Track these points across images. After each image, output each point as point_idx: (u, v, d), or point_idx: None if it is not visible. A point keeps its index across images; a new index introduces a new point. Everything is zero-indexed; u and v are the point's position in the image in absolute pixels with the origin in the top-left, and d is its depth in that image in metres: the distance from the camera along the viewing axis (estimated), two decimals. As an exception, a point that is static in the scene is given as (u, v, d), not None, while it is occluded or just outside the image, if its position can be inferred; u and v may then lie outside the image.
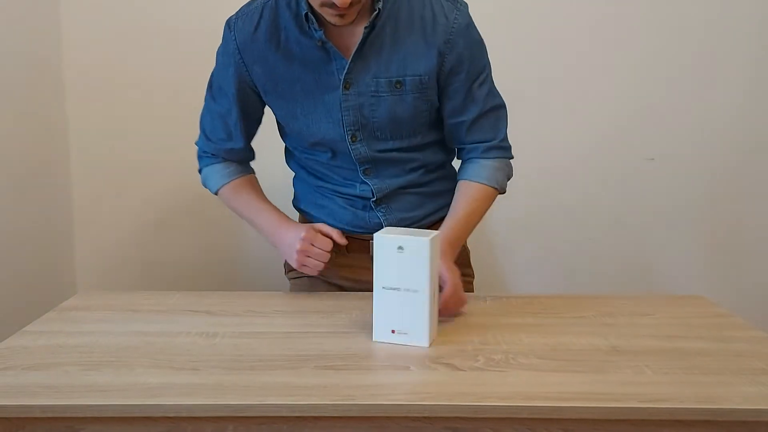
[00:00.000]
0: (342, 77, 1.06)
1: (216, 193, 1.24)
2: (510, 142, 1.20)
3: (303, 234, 1.11)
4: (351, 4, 0.94)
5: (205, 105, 1.22)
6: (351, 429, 0.77)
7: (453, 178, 1.22)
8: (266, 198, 1.23)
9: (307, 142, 1.16)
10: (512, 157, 1.21)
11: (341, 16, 0.97)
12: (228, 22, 1.12)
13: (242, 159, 1.24)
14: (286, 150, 1.27)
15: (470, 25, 1.10)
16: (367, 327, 0.98)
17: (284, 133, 1.23)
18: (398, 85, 1.07)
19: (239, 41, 1.09)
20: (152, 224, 1.86)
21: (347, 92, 1.07)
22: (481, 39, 1.13)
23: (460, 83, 1.11)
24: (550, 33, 1.77)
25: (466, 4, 1.11)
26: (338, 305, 1.10)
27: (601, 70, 1.79)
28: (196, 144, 1.25)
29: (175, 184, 1.84)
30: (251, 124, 1.20)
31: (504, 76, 1.78)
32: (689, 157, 1.83)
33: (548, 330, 1.00)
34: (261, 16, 1.07)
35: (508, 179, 1.20)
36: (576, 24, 1.76)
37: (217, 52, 1.16)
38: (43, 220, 1.73)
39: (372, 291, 0.94)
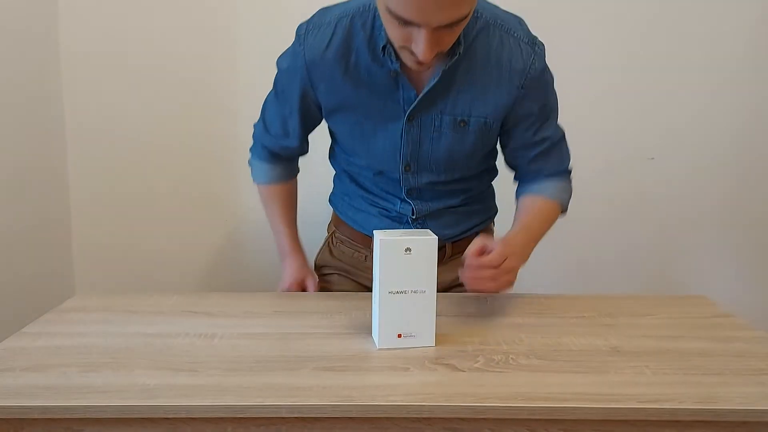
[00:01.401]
0: (408, 110, 1.04)
1: (256, 184, 1.28)
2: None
3: (291, 281, 1.24)
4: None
5: (269, 97, 1.19)
6: (350, 430, 0.77)
7: (491, 197, 1.27)
8: (293, 212, 1.29)
9: (359, 159, 1.16)
10: (571, 180, 1.20)
11: (419, 63, 0.92)
12: (299, 33, 1.05)
13: (294, 155, 1.25)
14: (332, 149, 1.26)
15: (545, 69, 1.07)
16: (367, 328, 0.98)
17: (335, 141, 1.22)
18: (462, 124, 1.05)
19: (308, 58, 1.04)
20: (151, 225, 1.86)
21: (410, 124, 1.05)
22: (552, 79, 1.11)
23: (528, 125, 1.09)
24: (550, 33, 1.76)
25: (543, 45, 1.07)
26: (338, 306, 1.10)
27: (601, 70, 1.79)
28: (254, 126, 1.24)
29: (174, 185, 1.84)
30: (309, 128, 1.19)
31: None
32: (689, 157, 1.83)
33: (548, 330, 1.00)
34: (333, 33, 1.01)
35: (569, 200, 1.18)
36: (575, 24, 1.76)
37: (282, 58, 1.11)
38: (41, 221, 1.73)
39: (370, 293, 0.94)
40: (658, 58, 1.78)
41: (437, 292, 0.93)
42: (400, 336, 0.92)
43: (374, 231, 0.93)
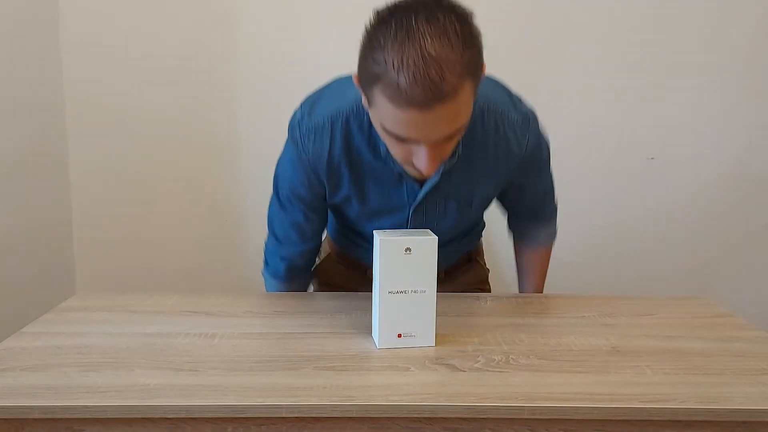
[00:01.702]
0: (413, 203, 1.05)
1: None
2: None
3: None
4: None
5: (273, 210, 1.15)
6: (351, 430, 0.77)
7: (481, 221, 1.29)
8: None
9: (361, 236, 1.17)
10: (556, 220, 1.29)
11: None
12: (293, 136, 1.02)
13: (314, 256, 1.22)
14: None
15: (539, 139, 1.08)
16: (367, 328, 0.98)
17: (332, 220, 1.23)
18: (466, 204, 1.08)
19: (312, 161, 1.02)
20: (151, 225, 1.86)
21: (415, 215, 1.07)
22: (546, 142, 1.13)
23: (528, 186, 1.16)
24: (550, 32, 1.77)
25: (534, 114, 1.06)
26: (338, 306, 1.10)
27: (601, 70, 1.79)
28: (264, 244, 1.20)
29: (175, 185, 1.84)
30: (324, 221, 1.17)
31: (504, 77, 1.78)
32: (689, 157, 1.83)
33: (548, 330, 1.00)
34: (332, 137, 0.99)
35: (556, 228, 1.29)
36: (576, 23, 1.76)
37: (283, 165, 1.10)
38: (41, 220, 1.73)
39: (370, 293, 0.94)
40: (658, 57, 1.78)
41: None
42: (400, 336, 0.92)
43: (374, 231, 0.93)
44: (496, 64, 1.83)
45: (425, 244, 0.90)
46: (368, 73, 0.82)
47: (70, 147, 1.81)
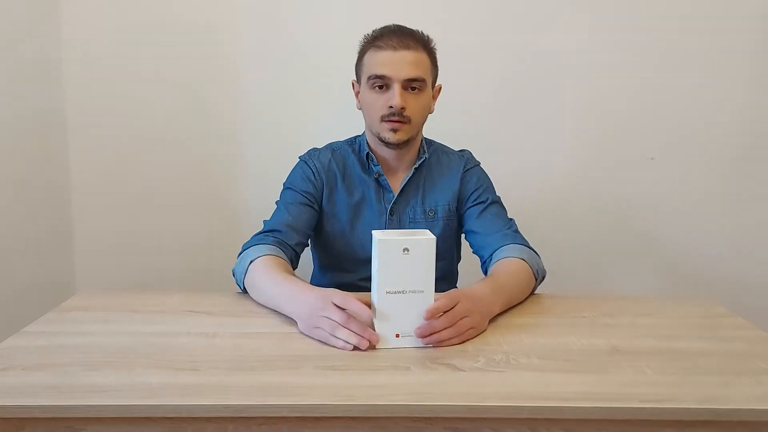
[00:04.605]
0: (389, 207, 1.31)
1: (245, 276, 1.12)
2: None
3: (341, 295, 0.95)
4: (402, 122, 1.20)
5: (272, 218, 1.28)
6: (352, 429, 0.77)
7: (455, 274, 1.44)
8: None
9: (345, 258, 1.32)
10: (534, 253, 1.21)
11: (395, 131, 1.21)
12: (303, 159, 1.34)
13: (287, 257, 1.19)
14: (317, 262, 1.42)
15: (477, 166, 1.37)
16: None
17: (321, 248, 1.37)
18: (431, 213, 1.32)
19: (316, 166, 1.31)
20: (152, 225, 1.86)
21: (391, 218, 1.31)
22: (486, 174, 1.37)
23: (478, 209, 1.31)
24: (551, 33, 1.77)
25: (470, 152, 1.40)
26: (338, 305, 1.10)
27: (601, 70, 1.79)
28: (244, 246, 1.19)
29: (176, 185, 1.84)
30: (305, 235, 1.27)
31: (505, 77, 1.78)
32: (689, 157, 1.83)
33: (548, 330, 1.00)
34: (332, 155, 1.33)
35: (539, 267, 1.18)
36: (576, 24, 1.76)
37: (291, 174, 1.33)
38: (42, 220, 1.73)
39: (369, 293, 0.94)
40: (659, 57, 1.78)
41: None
42: (398, 336, 0.92)
43: (373, 231, 0.93)
44: (498, 64, 1.85)
45: (423, 245, 0.90)
46: (360, 54, 1.26)
47: (71, 148, 1.81)
